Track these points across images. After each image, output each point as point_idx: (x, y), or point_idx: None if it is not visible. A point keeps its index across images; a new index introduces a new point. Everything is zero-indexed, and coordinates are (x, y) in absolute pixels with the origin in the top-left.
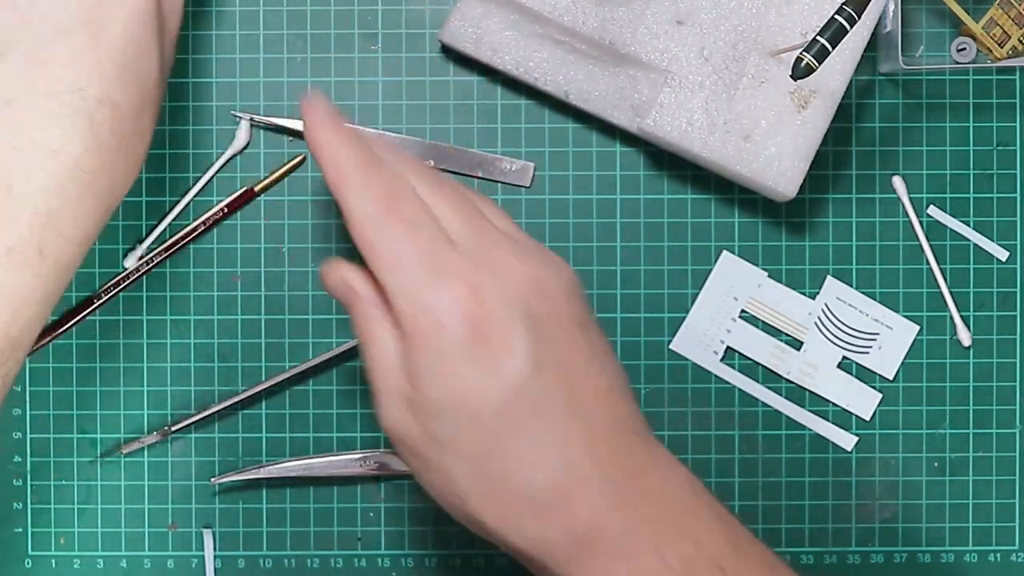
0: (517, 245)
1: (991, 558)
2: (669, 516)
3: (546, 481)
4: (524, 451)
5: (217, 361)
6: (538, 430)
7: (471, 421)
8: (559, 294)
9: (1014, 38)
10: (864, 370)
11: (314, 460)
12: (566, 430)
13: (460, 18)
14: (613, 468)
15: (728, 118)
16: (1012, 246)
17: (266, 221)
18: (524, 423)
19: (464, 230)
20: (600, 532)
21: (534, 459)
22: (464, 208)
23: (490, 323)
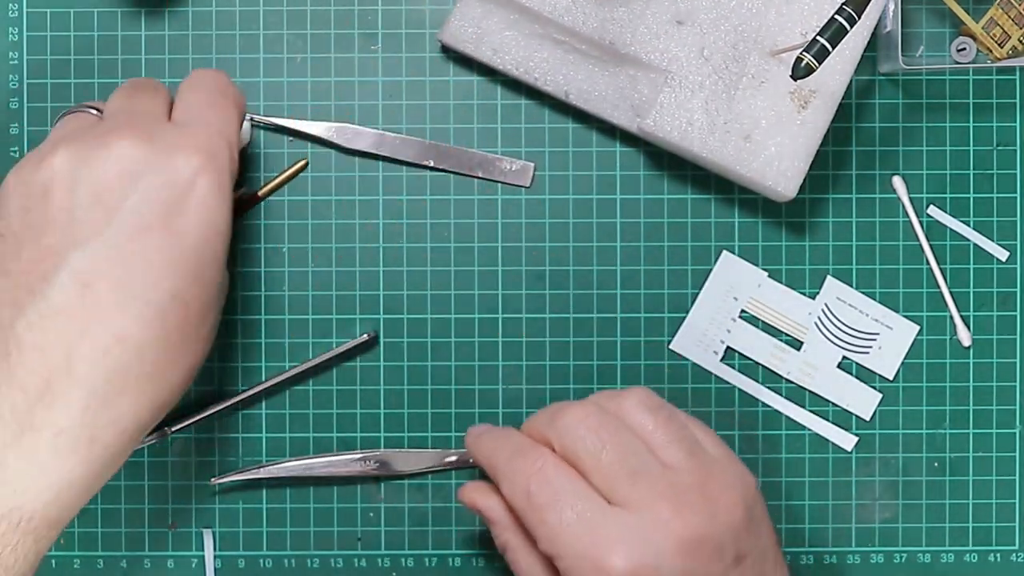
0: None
1: (991, 558)
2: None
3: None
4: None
5: (217, 361)
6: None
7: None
8: (715, 548)
9: (1014, 38)
10: (864, 370)
11: (314, 460)
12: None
13: (460, 18)
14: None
15: (728, 118)
16: (1012, 246)
17: (266, 221)
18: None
19: (679, 457)
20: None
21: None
22: (680, 436)
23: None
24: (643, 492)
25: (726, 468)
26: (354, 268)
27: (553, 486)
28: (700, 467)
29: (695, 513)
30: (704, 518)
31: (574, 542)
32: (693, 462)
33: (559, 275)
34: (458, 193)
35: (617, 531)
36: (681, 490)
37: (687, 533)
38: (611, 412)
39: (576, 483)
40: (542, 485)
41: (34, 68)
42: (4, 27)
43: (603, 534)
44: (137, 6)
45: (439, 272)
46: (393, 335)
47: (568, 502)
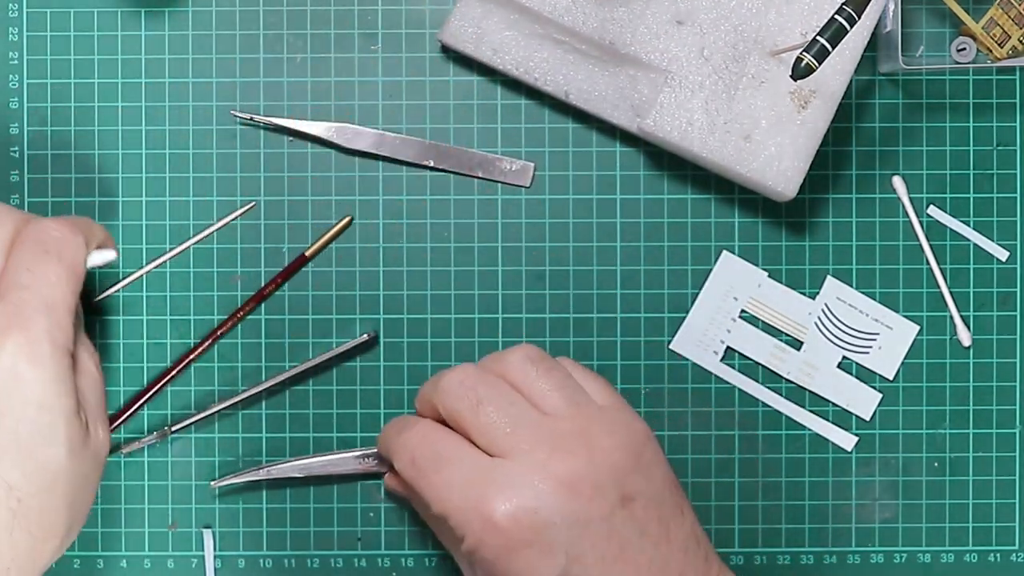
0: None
1: (991, 558)
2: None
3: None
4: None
5: (217, 361)
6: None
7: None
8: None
9: (1014, 38)
10: (864, 370)
11: (313, 460)
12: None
13: (460, 18)
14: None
15: (728, 118)
16: (1012, 246)
17: (266, 221)
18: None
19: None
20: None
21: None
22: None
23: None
24: (521, 440)
25: (610, 415)
26: (354, 268)
27: (435, 448)
28: (580, 414)
29: (572, 455)
30: (581, 460)
31: (458, 498)
32: (573, 409)
33: (559, 275)
34: (458, 193)
35: (497, 479)
36: (559, 435)
37: (563, 473)
38: (492, 370)
39: (456, 442)
40: (424, 449)
41: (34, 68)
42: (4, 27)
43: (484, 485)
44: (137, 6)
45: (439, 272)
46: (393, 335)
47: (449, 461)
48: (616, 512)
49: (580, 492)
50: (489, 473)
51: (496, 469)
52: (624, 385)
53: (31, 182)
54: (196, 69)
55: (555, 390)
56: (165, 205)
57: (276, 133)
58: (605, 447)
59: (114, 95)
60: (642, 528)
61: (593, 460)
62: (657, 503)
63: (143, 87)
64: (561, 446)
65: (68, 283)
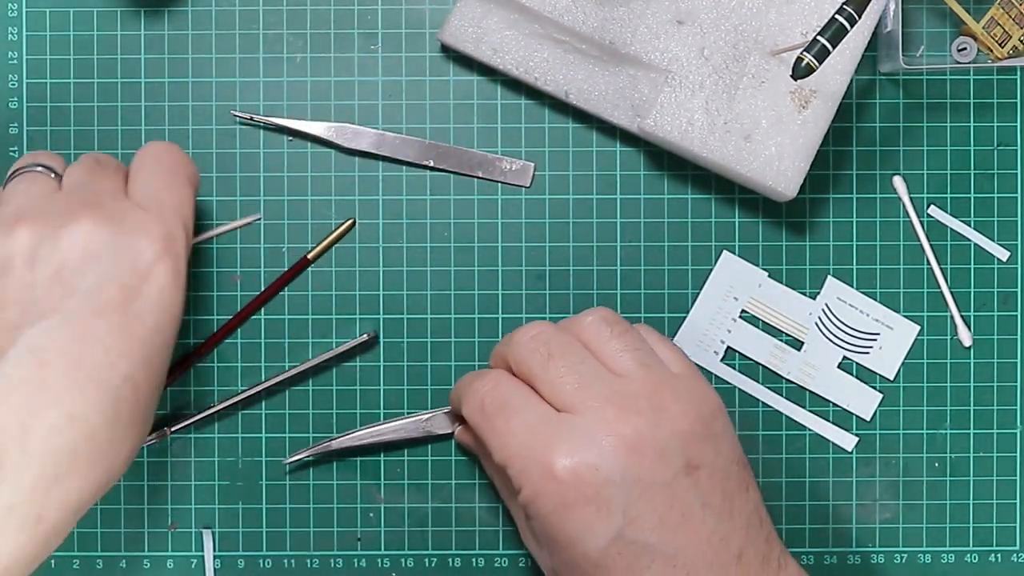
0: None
1: (992, 558)
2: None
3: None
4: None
5: (217, 361)
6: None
7: (575, 564)
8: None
9: (1015, 38)
10: (864, 370)
11: (383, 426)
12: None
13: (460, 18)
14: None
15: (728, 118)
16: (1013, 246)
17: (266, 222)
18: (618, 572)
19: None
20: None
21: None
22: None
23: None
24: (589, 397)
25: (683, 382)
26: (354, 268)
27: (504, 397)
28: (651, 377)
29: (639, 416)
30: (648, 422)
31: (521, 447)
32: (644, 372)
33: (559, 275)
34: (458, 193)
35: (561, 433)
36: (627, 395)
37: (628, 433)
38: (567, 330)
39: (525, 393)
40: (494, 397)
41: (34, 68)
42: (4, 27)
43: (548, 437)
44: (137, 6)
45: (439, 272)
46: (393, 335)
47: (516, 409)
48: (680, 479)
49: (644, 454)
50: (554, 425)
51: (561, 422)
52: None
53: None
54: (196, 69)
55: (627, 351)
56: None
57: (276, 133)
58: (673, 412)
59: (114, 95)
60: (705, 499)
61: (660, 424)
62: (723, 476)
63: (143, 87)
64: (629, 406)
65: (193, 204)
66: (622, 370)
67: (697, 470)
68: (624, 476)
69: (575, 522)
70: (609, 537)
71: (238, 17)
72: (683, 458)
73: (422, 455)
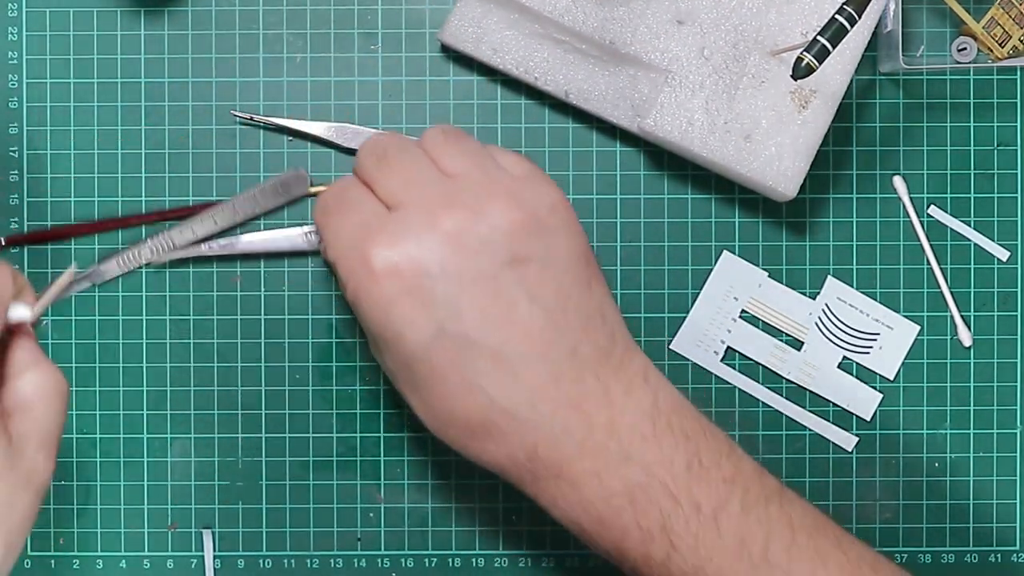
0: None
1: (992, 558)
2: (615, 446)
3: (472, 416)
4: (448, 390)
5: (217, 361)
6: (456, 374)
7: (403, 362)
8: (483, 244)
9: (1015, 38)
10: (865, 370)
11: (255, 236)
12: (491, 371)
13: (460, 18)
14: (552, 402)
15: (728, 118)
16: (1013, 246)
17: (266, 222)
18: (444, 368)
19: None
20: (539, 460)
21: (459, 396)
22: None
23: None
24: (416, 194)
25: (518, 183)
26: None
27: (342, 196)
28: (484, 177)
29: (464, 210)
30: (472, 215)
31: (347, 240)
32: (477, 172)
33: None
34: None
35: (385, 227)
36: (455, 192)
37: (450, 226)
38: (408, 138)
39: (362, 192)
40: (335, 196)
41: (34, 68)
42: (4, 27)
43: (372, 230)
44: (137, 6)
45: None
46: None
47: (350, 205)
48: (504, 272)
49: (465, 245)
50: (380, 220)
51: (387, 218)
52: None
53: (30, 182)
54: (196, 69)
55: (462, 155)
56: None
57: (276, 133)
58: (501, 207)
59: (114, 95)
60: (533, 293)
61: (484, 217)
62: (558, 271)
63: (143, 87)
64: (455, 202)
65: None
66: (454, 171)
67: (524, 264)
68: (444, 268)
69: (396, 315)
70: (431, 330)
71: (238, 17)
72: (508, 252)
73: (422, 455)
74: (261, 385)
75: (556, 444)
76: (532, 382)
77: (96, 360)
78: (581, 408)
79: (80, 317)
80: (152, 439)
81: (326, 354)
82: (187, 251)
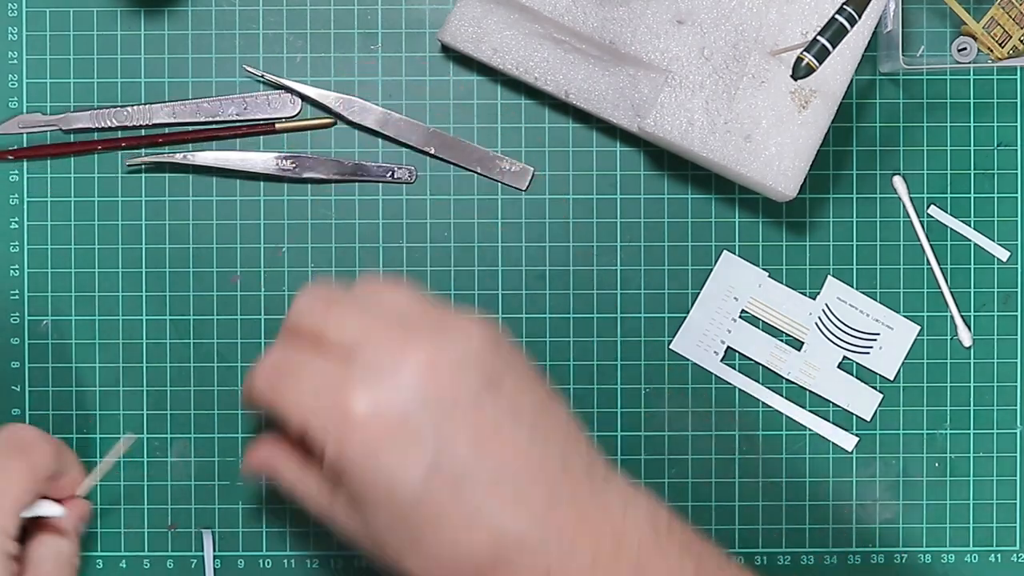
0: (407, 328)
1: (992, 558)
2: (625, 558)
3: (480, 552)
4: (450, 531)
5: (217, 361)
6: (456, 510)
7: (397, 514)
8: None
9: (1015, 38)
10: (865, 370)
11: (232, 154)
12: (492, 499)
13: (460, 18)
14: (558, 522)
15: (729, 118)
16: (1013, 246)
17: (266, 222)
18: (443, 505)
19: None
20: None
21: (463, 534)
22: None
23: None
24: (376, 333)
25: (462, 313)
26: (354, 268)
27: (284, 367)
28: (432, 306)
29: (429, 337)
30: (437, 342)
31: (315, 402)
32: (424, 306)
33: (559, 275)
34: (458, 193)
35: (352, 373)
36: (412, 322)
37: (421, 356)
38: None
39: (305, 354)
40: (276, 366)
41: (34, 68)
42: (4, 27)
43: (339, 381)
44: (137, 6)
45: (439, 272)
46: None
47: (302, 366)
48: (483, 394)
49: (440, 372)
50: (345, 369)
51: (351, 363)
52: (624, 385)
53: (30, 182)
54: (196, 69)
55: (403, 292)
56: (164, 205)
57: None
58: (461, 332)
59: (114, 95)
60: (515, 411)
61: (450, 341)
62: (528, 386)
63: (143, 87)
64: (416, 331)
65: (21, 477)
66: (401, 306)
67: (499, 383)
68: (426, 399)
69: (387, 459)
70: (425, 467)
71: (238, 17)
72: (482, 373)
73: None
74: None
75: (569, 565)
76: (534, 504)
77: (96, 360)
78: (586, 523)
79: (80, 317)
80: (152, 439)
81: None
82: (167, 157)
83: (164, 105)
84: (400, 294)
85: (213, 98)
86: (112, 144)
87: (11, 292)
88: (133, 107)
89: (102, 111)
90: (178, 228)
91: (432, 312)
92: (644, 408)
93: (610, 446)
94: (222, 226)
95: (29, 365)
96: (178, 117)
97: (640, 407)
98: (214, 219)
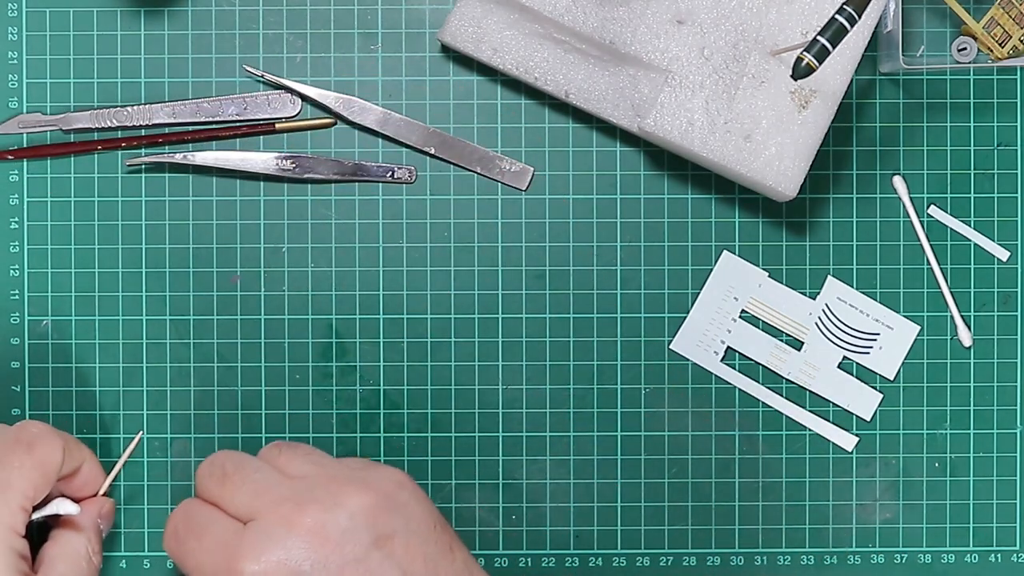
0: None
1: (992, 558)
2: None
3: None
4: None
5: (217, 361)
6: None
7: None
8: (347, 531)
9: (1015, 38)
10: (865, 370)
11: (232, 154)
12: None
13: (460, 18)
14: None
15: (729, 118)
16: (1013, 246)
17: (266, 221)
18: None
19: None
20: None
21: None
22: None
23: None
24: (266, 501)
25: (358, 468)
26: (354, 268)
27: (192, 519)
28: (326, 471)
29: (317, 504)
30: (327, 507)
31: (211, 562)
32: (319, 469)
33: (559, 275)
34: (458, 193)
35: (245, 539)
36: (304, 490)
37: (309, 523)
38: (244, 453)
39: (210, 511)
40: (184, 521)
41: (34, 68)
42: (4, 27)
43: (234, 547)
44: (137, 6)
45: (439, 272)
46: (393, 335)
47: (204, 526)
48: (372, 553)
49: (328, 537)
50: (238, 534)
51: (245, 530)
52: (624, 385)
53: (30, 182)
54: (196, 69)
55: (302, 457)
56: (164, 205)
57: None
58: (351, 492)
59: (114, 95)
60: (405, 567)
61: (340, 506)
62: (420, 541)
63: (143, 87)
64: (308, 499)
65: (27, 472)
66: (299, 474)
67: (389, 540)
68: (313, 564)
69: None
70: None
71: (238, 17)
72: (371, 533)
73: (421, 455)
74: (261, 385)
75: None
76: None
77: (96, 360)
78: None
79: (80, 317)
80: (152, 439)
81: (326, 354)
82: (168, 157)
83: (164, 105)
84: (299, 460)
85: (213, 98)
86: (112, 144)
87: (11, 292)
88: (133, 107)
89: (102, 111)
90: (178, 228)
91: (324, 474)
92: (644, 408)
93: (610, 446)
94: (222, 226)
95: (29, 365)
96: (178, 117)
97: (640, 407)
98: (214, 219)
